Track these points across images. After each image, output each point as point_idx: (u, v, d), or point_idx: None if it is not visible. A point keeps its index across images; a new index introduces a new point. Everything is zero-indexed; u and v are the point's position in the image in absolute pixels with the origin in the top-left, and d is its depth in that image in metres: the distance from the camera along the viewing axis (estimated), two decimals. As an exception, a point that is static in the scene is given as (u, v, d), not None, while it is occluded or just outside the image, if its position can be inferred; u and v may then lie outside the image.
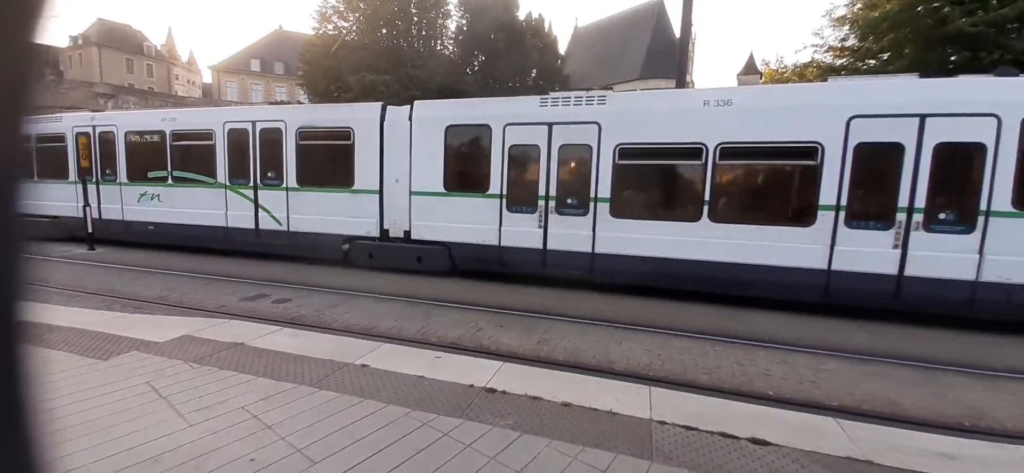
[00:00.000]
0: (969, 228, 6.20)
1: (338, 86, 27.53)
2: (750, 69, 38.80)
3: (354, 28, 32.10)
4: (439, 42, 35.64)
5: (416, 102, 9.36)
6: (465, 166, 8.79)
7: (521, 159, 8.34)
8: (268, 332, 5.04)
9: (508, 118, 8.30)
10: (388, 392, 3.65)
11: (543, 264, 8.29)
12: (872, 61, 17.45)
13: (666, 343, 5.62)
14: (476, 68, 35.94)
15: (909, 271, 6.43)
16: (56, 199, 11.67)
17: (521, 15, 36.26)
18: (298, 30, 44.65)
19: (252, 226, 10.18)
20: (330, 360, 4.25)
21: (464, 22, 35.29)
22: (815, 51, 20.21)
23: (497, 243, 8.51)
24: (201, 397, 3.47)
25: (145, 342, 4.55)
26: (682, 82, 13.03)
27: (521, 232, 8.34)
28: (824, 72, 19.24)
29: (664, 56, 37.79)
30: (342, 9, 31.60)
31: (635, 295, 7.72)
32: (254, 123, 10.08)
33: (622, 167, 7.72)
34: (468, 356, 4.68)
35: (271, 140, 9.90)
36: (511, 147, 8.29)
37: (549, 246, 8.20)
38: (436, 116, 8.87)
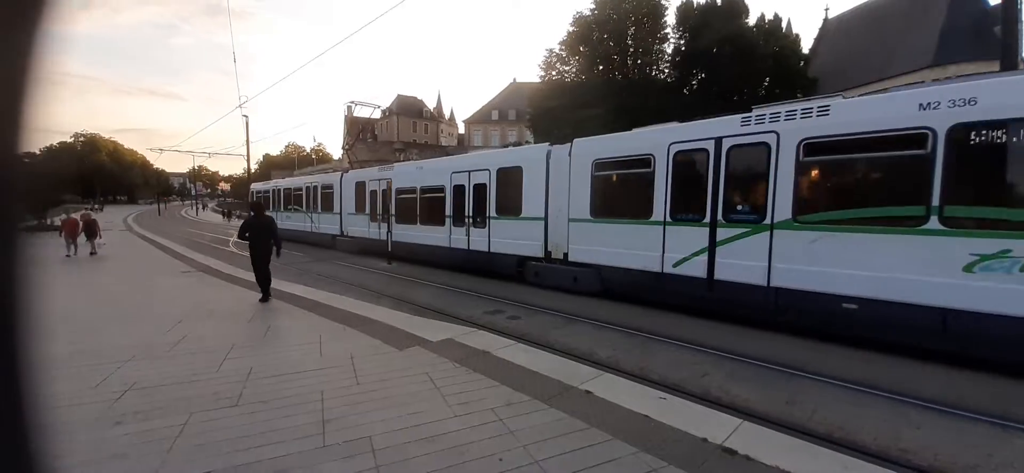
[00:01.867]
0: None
1: (557, 124, 30.11)
2: None
3: (573, 71, 34.61)
4: (654, 68, 35.02)
5: (350, 172, 19.55)
6: (361, 200, 17.88)
7: (360, 194, 18.02)
8: (507, 345, 5.78)
9: (360, 178, 18.26)
10: (613, 425, 3.65)
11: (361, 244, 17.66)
12: None
13: (1005, 440, 3.87)
14: (695, 86, 33.84)
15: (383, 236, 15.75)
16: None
17: (751, 20, 32.35)
18: (529, 80, 51.00)
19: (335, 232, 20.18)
20: (558, 380, 4.54)
21: (682, 42, 33.80)
22: None
23: (341, 233, 19.34)
24: (462, 393, 4.22)
25: (423, 340, 5.85)
26: (1012, 63, 9.14)
27: (360, 230, 17.92)
28: None
29: (971, 35, 27.34)
30: (564, 55, 34.49)
31: (936, 362, 5.63)
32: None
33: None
34: (698, 404, 4.27)
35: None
36: (370, 192, 17.34)
37: (373, 235, 17.12)
38: (352, 179, 18.72)
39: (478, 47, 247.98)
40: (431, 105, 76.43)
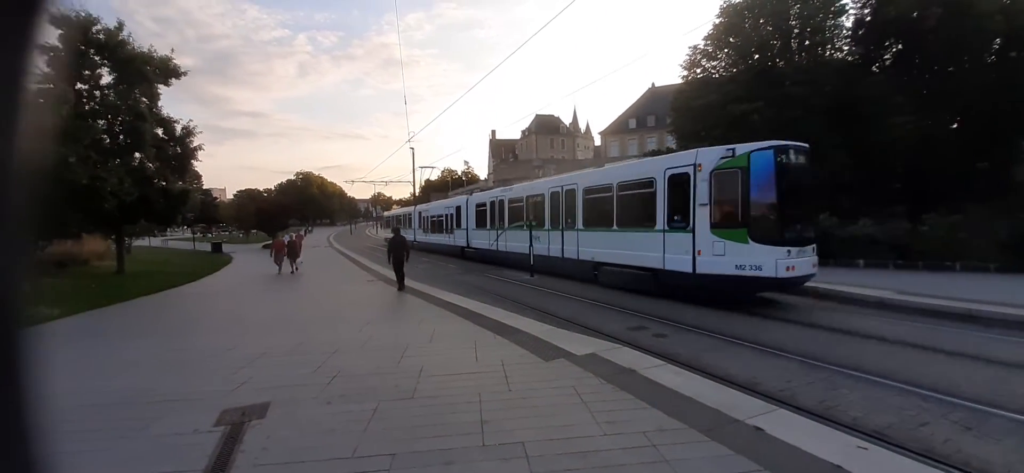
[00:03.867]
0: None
1: (705, 125, 27.58)
2: None
3: (722, 65, 31.57)
4: (829, 47, 29.69)
5: (419, 205, 39.09)
6: (419, 221, 35.45)
7: (420, 218, 35.93)
8: (654, 365, 5.47)
9: (420, 210, 37.31)
10: (794, 472, 3.13)
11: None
12: None
13: None
14: (887, 62, 27.58)
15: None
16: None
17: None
18: (669, 82, 48.13)
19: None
20: (717, 410, 4.10)
21: (867, 12, 27.93)
22: None
23: (414, 240, 28.62)
24: (610, 412, 4.13)
25: (568, 353, 5.90)
26: None
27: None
28: None
29: None
30: (710, 50, 31.76)
31: None
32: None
33: (432, 220, 32.27)
34: (913, 459, 3.39)
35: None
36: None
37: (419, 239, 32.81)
38: (418, 210, 36.85)
39: (613, 57, 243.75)
40: (567, 121, 77.74)
